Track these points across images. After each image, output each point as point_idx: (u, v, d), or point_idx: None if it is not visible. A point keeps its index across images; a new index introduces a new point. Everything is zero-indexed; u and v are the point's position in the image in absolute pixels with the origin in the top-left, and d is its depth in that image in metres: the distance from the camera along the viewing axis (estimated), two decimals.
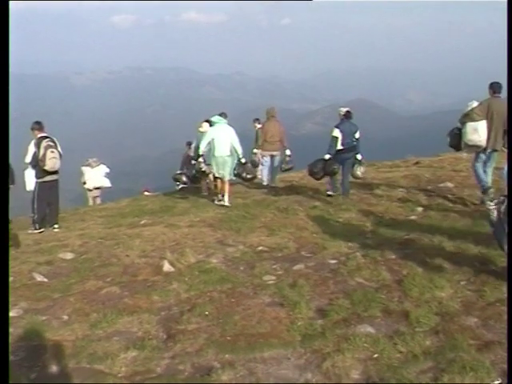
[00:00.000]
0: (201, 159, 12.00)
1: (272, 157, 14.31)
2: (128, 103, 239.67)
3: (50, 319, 5.58)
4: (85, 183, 16.85)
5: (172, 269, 7.14)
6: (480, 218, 8.31)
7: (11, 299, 6.09)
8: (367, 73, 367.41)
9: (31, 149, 10.36)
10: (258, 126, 15.44)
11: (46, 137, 10.43)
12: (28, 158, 10.43)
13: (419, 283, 5.71)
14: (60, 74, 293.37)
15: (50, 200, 10.64)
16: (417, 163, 16.08)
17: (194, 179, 13.59)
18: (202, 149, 11.94)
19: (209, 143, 11.90)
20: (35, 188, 10.51)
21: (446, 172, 14.02)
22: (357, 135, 11.40)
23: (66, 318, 5.63)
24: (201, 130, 13.10)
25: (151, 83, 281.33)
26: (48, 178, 10.47)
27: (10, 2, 4.65)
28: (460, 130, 10.05)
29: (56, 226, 10.68)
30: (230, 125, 12.25)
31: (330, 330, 4.86)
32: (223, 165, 11.91)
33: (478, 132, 9.73)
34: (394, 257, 6.86)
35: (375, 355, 4.34)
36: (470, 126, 9.78)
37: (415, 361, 4.21)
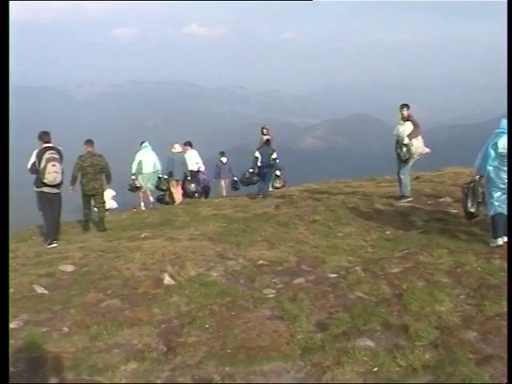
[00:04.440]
0: (133, 176, 15.94)
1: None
2: (128, 116, 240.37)
3: (51, 331, 5.59)
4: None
5: (172, 282, 7.15)
6: (480, 232, 8.32)
7: (12, 311, 6.11)
8: (368, 87, 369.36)
9: (32, 157, 10.12)
10: (222, 158, 19.01)
11: (51, 148, 10.16)
12: (28, 165, 10.19)
13: (419, 297, 5.72)
14: (60, 88, 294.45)
15: (52, 214, 10.45)
16: (417, 178, 16.07)
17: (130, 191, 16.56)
18: (134, 168, 16.00)
19: (138, 163, 16.01)
20: (36, 197, 10.41)
21: (446, 187, 14.04)
22: (273, 156, 15.38)
23: (66, 330, 5.64)
24: (173, 150, 16.55)
25: (152, 97, 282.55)
26: (46, 189, 10.17)
27: (11, 15, 4.71)
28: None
29: (55, 241, 10.38)
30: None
31: (330, 343, 4.87)
32: (148, 179, 16.02)
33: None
34: (393, 271, 6.86)
35: (375, 369, 4.35)
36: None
37: (415, 374, 4.22)
